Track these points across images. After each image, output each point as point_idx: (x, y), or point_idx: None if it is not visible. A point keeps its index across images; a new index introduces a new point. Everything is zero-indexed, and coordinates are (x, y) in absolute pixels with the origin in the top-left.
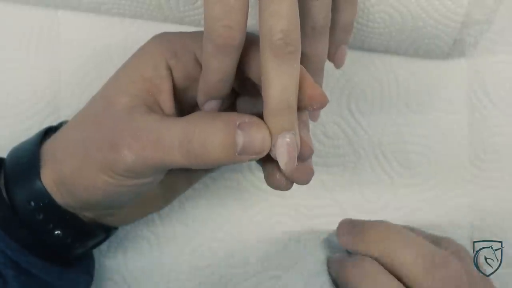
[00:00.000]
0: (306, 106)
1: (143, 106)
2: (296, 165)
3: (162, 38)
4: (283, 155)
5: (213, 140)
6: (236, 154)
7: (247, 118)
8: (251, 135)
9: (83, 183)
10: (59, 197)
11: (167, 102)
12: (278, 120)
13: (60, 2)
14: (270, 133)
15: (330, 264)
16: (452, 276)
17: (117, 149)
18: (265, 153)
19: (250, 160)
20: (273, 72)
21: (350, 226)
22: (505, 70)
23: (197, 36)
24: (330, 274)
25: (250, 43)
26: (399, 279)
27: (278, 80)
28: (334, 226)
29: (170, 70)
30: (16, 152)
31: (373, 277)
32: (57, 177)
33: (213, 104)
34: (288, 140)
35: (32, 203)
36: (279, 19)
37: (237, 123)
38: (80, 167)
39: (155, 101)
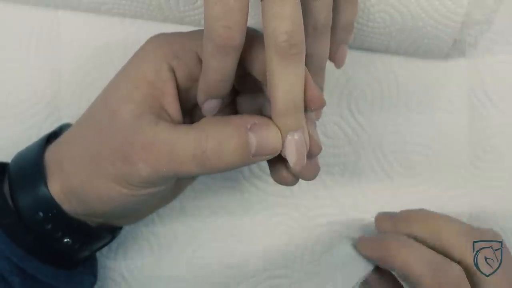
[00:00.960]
0: (305, 106)
1: (150, 115)
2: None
3: (160, 40)
4: (293, 154)
5: (227, 147)
6: (251, 156)
7: (256, 119)
8: (263, 136)
9: (96, 194)
10: (68, 206)
11: (172, 104)
12: (286, 120)
13: (60, 2)
14: (280, 132)
15: (365, 244)
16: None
17: (132, 163)
18: (278, 152)
19: (264, 160)
20: (279, 73)
21: (388, 215)
22: (505, 70)
23: (196, 35)
24: (362, 254)
25: (252, 40)
26: (444, 253)
27: (285, 81)
28: (334, 226)
29: (172, 71)
30: (20, 160)
31: (407, 245)
32: (66, 188)
33: (213, 103)
34: (297, 138)
35: (41, 214)
36: (282, 21)
37: (248, 126)
38: (91, 179)
39: (160, 106)
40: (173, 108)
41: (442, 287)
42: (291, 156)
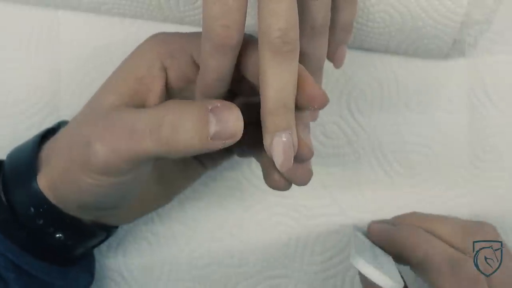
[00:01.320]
0: (306, 106)
1: (127, 107)
2: (295, 166)
3: (158, 39)
4: (279, 155)
5: (184, 125)
6: (209, 138)
7: (219, 103)
8: (223, 118)
9: (70, 186)
10: (54, 200)
11: (155, 102)
12: (274, 119)
13: (60, 2)
14: (267, 131)
15: (375, 233)
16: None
17: (90, 144)
18: (238, 138)
19: (224, 146)
20: (271, 70)
21: (381, 223)
22: (505, 70)
23: (194, 37)
24: (372, 241)
25: (246, 44)
26: None
27: (275, 79)
28: (334, 226)
29: (165, 70)
30: (15, 155)
31: (427, 239)
32: (50, 182)
33: None
34: (284, 139)
35: (32, 209)
36: (277, 18)
37: (209, 107)
38: (66, 171)
39: (142, 102)
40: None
41: (461, 284)
42: (277, 157)
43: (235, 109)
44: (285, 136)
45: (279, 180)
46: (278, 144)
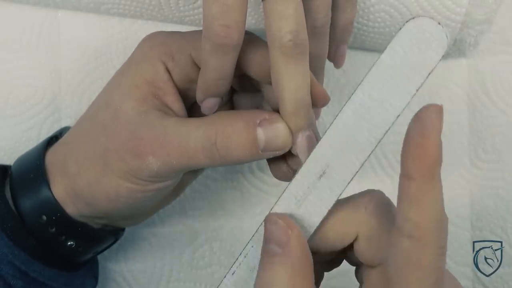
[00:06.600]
0: None
1: (155, 111)
2: None
3: (156, 40)
4: (305, 152)
5: (235, 141)
6: (259, 152)
7: (267, 115)
8: (272, 132)
9: (104, 192)
10: (73, 209)
11: (175, 103)
12: (296, 119)
13: (60, 2)
14: (291, 131)
15: None
16: None
17: (142, 157)
18: (288, 149)
19: (274, 155)
20: (286, 73)
21: None
22: (505, 70)
23: (191, 37)
24: None
25: (247, 42)
26: None
27: (292, 81)
28: None
29: (169, 72)
30: (21, 164)
31: None
32: (71, 190)
33: (212, 102)
34: (308, 136)
35: (44, 217)
36: (287, 21)
37: (258, 121)
38: (99, 178)
39: (164, 104)
40: (177, 106)
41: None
42: (304, 154)
43: (282, 122)
44: (308, 133)
45: (288, 171)
46: (303, 142)
